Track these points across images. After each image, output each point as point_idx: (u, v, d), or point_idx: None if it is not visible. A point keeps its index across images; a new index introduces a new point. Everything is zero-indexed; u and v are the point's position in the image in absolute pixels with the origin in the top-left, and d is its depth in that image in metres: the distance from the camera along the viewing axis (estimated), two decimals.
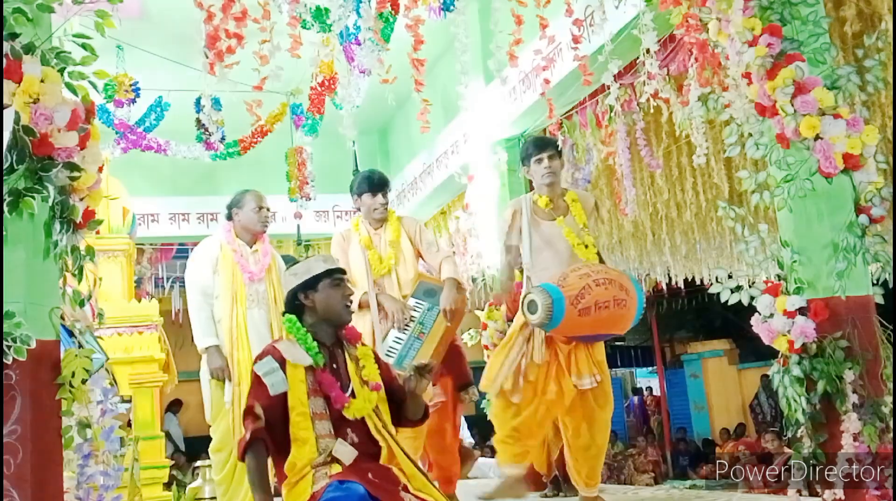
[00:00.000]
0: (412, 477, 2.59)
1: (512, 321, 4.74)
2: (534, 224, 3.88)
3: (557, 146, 4.01)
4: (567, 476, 4.14)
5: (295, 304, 2.76)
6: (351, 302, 2.81)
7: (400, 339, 3.88)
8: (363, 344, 2.87)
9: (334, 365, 2.71)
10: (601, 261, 3.88)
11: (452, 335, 4.19)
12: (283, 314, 2.80)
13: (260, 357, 2.68)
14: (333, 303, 2.74)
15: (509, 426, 3.71)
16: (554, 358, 3.70)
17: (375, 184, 4.17)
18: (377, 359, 2.84)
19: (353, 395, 2.65)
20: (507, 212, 3.98)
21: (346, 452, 2.54)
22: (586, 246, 3.81)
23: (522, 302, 3.60)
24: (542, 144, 3.97)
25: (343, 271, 2.82)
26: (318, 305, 2.73)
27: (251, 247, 4.25)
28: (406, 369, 3.84)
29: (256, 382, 2.62)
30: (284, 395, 2.59)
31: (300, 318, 2.75)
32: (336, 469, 2.51)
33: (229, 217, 4.31)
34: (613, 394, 3.96)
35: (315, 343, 2.68)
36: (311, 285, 2.74)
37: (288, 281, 2.78)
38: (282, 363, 2.62)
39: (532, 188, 4.18)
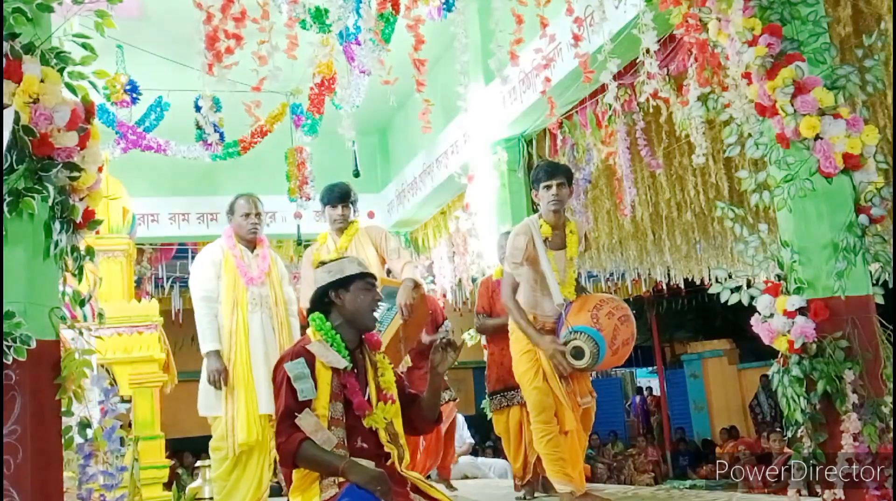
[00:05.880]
0: (419, 480, 2.61)
1: (487, 313, 4.82)
2: (541, 251, 3.92)
3: (569, 174, 4.02)
4: (544, 479, 4.24)
5: (324, 301, 2.72)
6: (377, 308, 2.78)
7: None
8: (381, 352, 2.83)
9: (355, 370, 2.66)
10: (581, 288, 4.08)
11: (416, 330, 4.31)
12: (309, 311, 2.75)
13: (292, 357, 2.59)
14: (362, 306, 2.70)
15: (561, 449, 3.86)
16: (568, 383, 3.91)
17: (335, 196, 4.36)
18: (393, 370, 2.81)
19: (368, 400, 2.62)
20: (520, 240, 3.91)
21: (366, 465, 2.50)
22: (565, 283, 3.93)
23: (564, 347, 3.72)
24: (554, 171, 3.94)
25: (375, 277, 2.80)
26: (347, 305, 2.68)
27: (252, 251, 4.29)
28: (447, 334, 3.89)
29: (287, 383, 2.54)
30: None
31: (326, 317, 2.70)
32: None
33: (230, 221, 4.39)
34: (614, 394, 4.08)
35: (343, 344, 2.65)
36: (343, 284, 2.70)
37: (320, 278, 2.73)
38: (311, 364, 2.56)
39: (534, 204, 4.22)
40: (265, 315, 4.17)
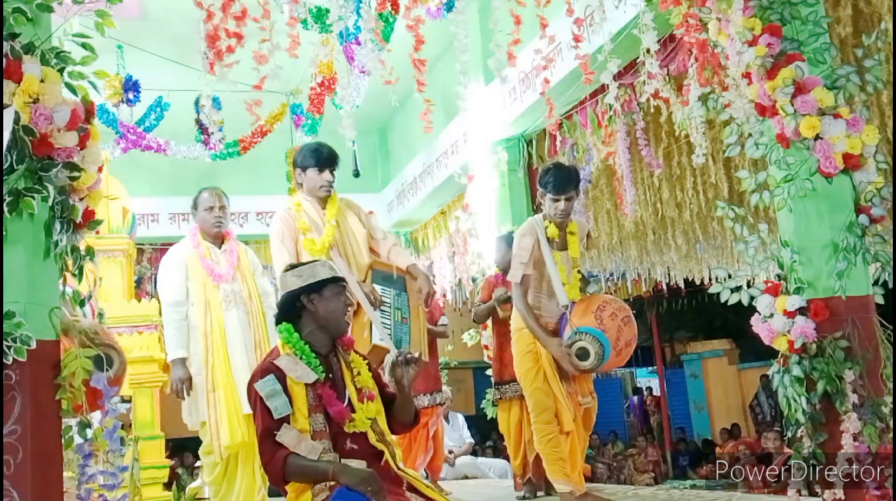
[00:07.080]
0: (415, 479, 2.60)
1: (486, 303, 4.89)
2: (547, 251, 3.92)
3: (578, 183, 3.99)
4: (546, 478, 4.23)
5: (296, 306, 2.66)
6: (349, 312, 2.75)
7: (387, 324, 3.78)
8: (355, 351, 2.80)
9: (330, 376, 2.63)
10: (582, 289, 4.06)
11: None
12: (277, 321, 2.70)
13: (260, 375, 2.56)
14: (336, 311, 2.66)
15: (561, 449, 3.88)
16: (569, 383, 3.94)
17: (324, 159, 3.84)
18: (370, 366, 2.79)
19: (350, 405, 2.59)
20: (527, 240, 3.91)
21: (357, 466, 2.49)
22: (571, 284, 3.93)
23: (570, 348, 3.73)
24: (563, 188, 3.87)
25: (346, 281, 2.78)
26: (320, 310, 2.64)
27: (220, 247, 4.11)
28: (405, 350, 3.83)
29: (260, 402, 2.51)
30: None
31: (296, 324, 2.66)
32: None
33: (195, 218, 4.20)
34: (614, 394, 4.10)
35: (314, 355, 2.60)
36: (316, 288, 2.65)
37: (289, 282, 2.66)
38: (282, 379, 2.52)
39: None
40: (241, 312, 3.99)
